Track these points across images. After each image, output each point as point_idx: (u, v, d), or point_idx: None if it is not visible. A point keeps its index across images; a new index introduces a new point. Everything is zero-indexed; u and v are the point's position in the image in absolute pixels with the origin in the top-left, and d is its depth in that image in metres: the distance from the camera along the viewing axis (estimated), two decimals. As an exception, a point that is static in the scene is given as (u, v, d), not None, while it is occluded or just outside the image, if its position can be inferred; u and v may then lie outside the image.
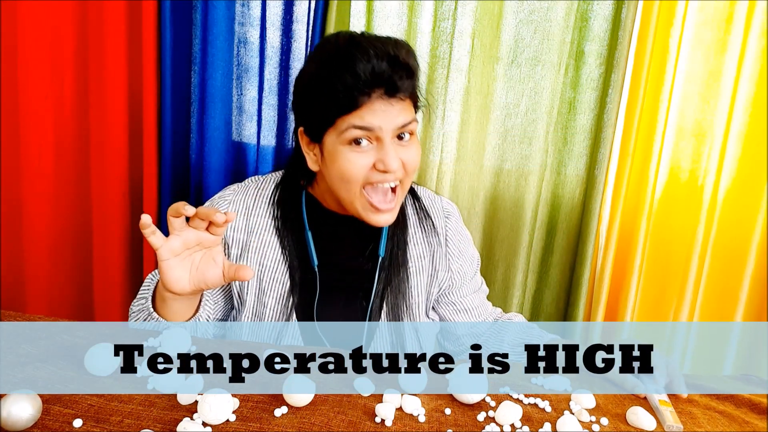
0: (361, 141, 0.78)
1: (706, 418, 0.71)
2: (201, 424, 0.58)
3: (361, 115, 0.77)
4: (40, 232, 1.40)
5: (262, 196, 0.91)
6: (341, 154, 0.79)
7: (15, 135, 1.36)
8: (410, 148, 0.82)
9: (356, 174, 0.79)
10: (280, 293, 0.87)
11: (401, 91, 0.78)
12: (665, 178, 1.48)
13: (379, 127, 0.77)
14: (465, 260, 0.98)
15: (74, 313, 1.49)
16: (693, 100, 1.43)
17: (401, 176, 0.82)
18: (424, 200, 0.98)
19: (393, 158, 0.78)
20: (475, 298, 1.00)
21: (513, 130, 1.44)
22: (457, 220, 0.99)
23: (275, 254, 0.88)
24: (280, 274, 0.87)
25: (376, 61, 0.74)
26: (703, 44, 1.40)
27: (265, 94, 1.39)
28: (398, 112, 0.78)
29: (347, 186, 0.81)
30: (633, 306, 1.47)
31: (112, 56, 1.32)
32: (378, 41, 0.77)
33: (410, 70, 0.79)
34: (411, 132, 0.82)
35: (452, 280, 0.96)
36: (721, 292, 1.52)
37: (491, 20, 1.37)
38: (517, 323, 1.00)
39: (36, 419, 0.55)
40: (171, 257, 0.71)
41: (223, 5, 1.30)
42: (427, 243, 0.94)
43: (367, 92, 0.76)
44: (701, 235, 1.45)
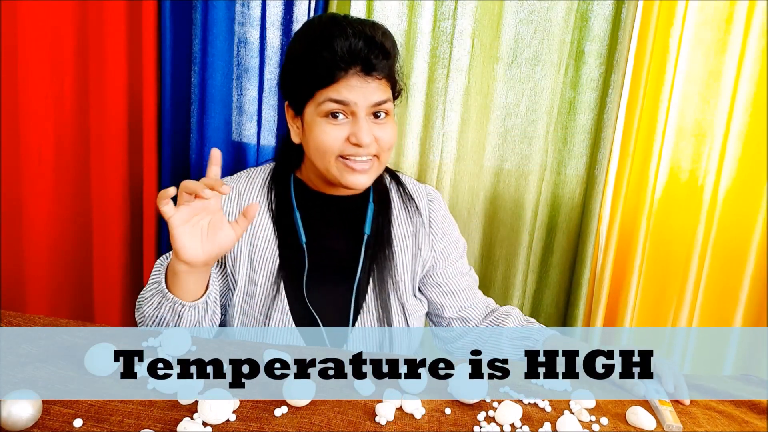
0: (338, 115, 0.83)
1: (705, 418, 0.71)
2: (201, 424, 0.58)
3: (337, 89, 0.82)
4: (40, 232, 1.40)
5: (253, 183, 0.96)
6: (318, 125, 0.84)
7: (15, 135, 1.36)
8: (385, 126, 0.86)
9: (331, 145, 0.84)
10: (269, 271, 0.91)
11: (377, 70, 0.82)
12: (665, 178, 1.48)
13: (354, 102, 0.82)
14: (449, 242, 1.01)
15: (74, 313, 1.49)
16: (693, 100, 1.43)
17: (375, 152, 0.86)
18: (408, 186, 1.02)
19: (365, 133, 0.82)
20: (462, 281, 1.01)
21: (513, 130, 1.44)
22: (440, 203, 1.02)
23: (266, 234, 0.92)
24: (269, 253, 0.91)
25: (353, 39, 0.80)
26: (703, 44, 1.40)
27: (265, 94, 1.39)
28: (373, 90, 0.83)
29: (323, 156, 0.85)
30: (633, 306, 1.47)
31: (112, 56, 1.32)
32: (357, 22, 0.83)
33: (386, 51, 0.83)
34: (386, 111, 0.86)
35: (436, 260, 0.99)
36: (721, 292, 1.52)
37: (491, 20, 1.37)
38: (516, 317, 1.00)
39: (36, 419, 0.55)
40: (181, 224, 0.74)
41: (223, 5, 1.30)
42: (411, 224, 0.98)
43: (344, 68, 0.81)
44: (701, 236, 1.45)
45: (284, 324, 0.90)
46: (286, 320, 0.90)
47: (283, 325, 0.90)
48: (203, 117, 1.35)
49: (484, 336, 0.99)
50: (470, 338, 1.01)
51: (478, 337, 1.00)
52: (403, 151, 1.44)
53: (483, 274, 1.54)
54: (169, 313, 0.80)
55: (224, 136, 1.37)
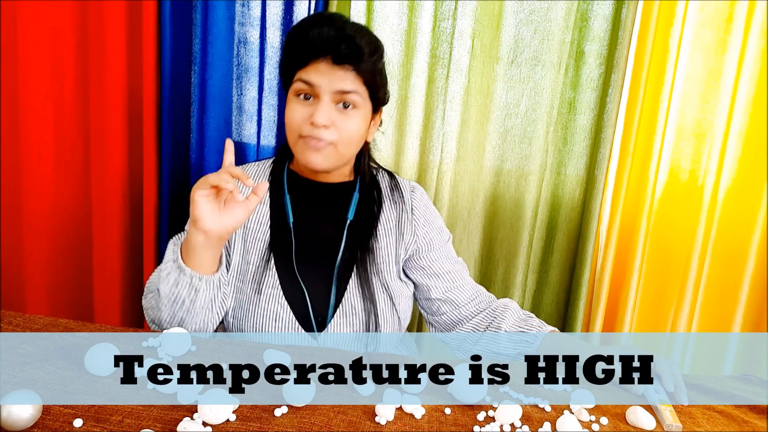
0: (309, 97, 0.91)
1: (705, 418, 0.71)
2: (201, 423, 0.58)
3: (308, 71, 0.90)
4: (40, 232, 1.40)
5: (248, 172, 1.05)
6: (289, 103, 0.93)
7: (15, 135, 1.36)
8: (349, 118, 0.91)
9: (294, 121, 0.91)
10: (261, 249, 0.97)
11: (347, 62, 0.88)
12: (665, 178, 1.48)
13: (318, 85, 0.89)
14: (431, 228, 1.05)
15: (74, 313, 1.49)
16: (693, 100, 1.43)
17: (332, 139, 0.91)
18: (396, 178, 1.09)
19: (322, 114, 0.88)
20: (446, 264, 1.04)
21: (513, 130, 1.44)
22: (422, 194, 1.08)
23: (258, 218, 0.99)
24: (262, 233, 0.98)
25: (327, 28, 0.88)
26: (703, 44, 1.40)
27: (265, 94, 1.39)
28: (340, 78, 0.89)
29: (289, 132, 0.93)
30: (633, 306, 1.47)
31: (112, 56, 1.32)
32: (338, 18, 0.90)
33: (356, 46, 0.88)
34: (353, 104, 0.91)
35: (418, 245, 1.03)
36: (721, 292, 1.52)
37: (491, 20, 1.37)
38: (515, 310, 1.00)
39: (36, 419, 0.55)
40: (203, 196, 0.80)
41: (223, 5, 1.30)
42: (395, 210, 1.04)
43: (316, 53, 0.88)
44: (701, 235, 1.45)
45: (273, 296, 0.95)
46: (276, 294, 0.95)
47: (272, 298, 0.94)
48: (203, 117, 1.35)
49: (481, 327, 0.99)
50: (467, 328, 1.01)
51: (475, 328, 1.00)
52: (403, 151, 1.44)
53: (483, 274, 1.54)
54: (186, 289, 0.84)
55: (224, 136, 1.37)
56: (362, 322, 0.96)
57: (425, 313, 1.07)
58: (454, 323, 1.02)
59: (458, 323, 1.02)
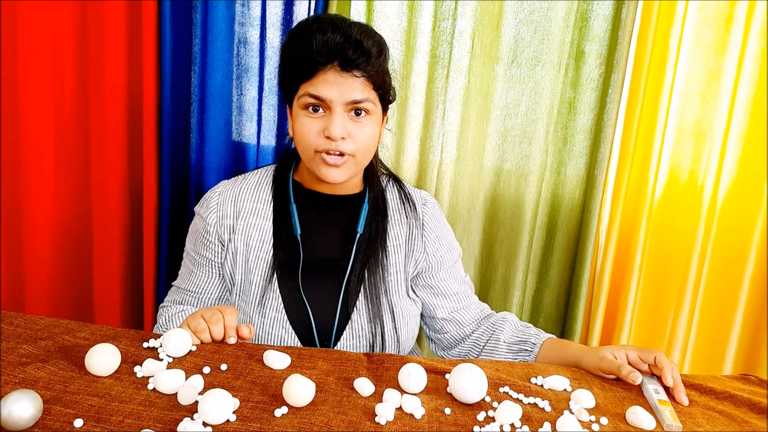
0: (318, 108, 0.86)
1: (705, 418, 0.71)
2: (201, 424, 0.58)
3: (315, 84, 0.84)
4: (40, 232, 1.40)
5: (247, 185, 0.98)
6: (299, 117, 0.87)
7: (15, 135, 1.36)
8: (364, 126, 0.87)
9: (308, 136, 0.86)
10: (263, 270, 0.93)
11: (356, 67, 0.83)
12: (665, 178, 1.48)
13: (329, 99, 0.84)
14: (441, 245, 1.01)
15: (74, 313, 1.49)
16: (693, 100, 1.43)
17: (350, 150, 0.87)
18: (406, 188, 1.04)
19: (337, 126, 0.84)
20: (454, 284, 1.01)
21: (513, 130, 1.44)
22: (434, 207, 1.03)
23: (260, 235, 0.94)
24: (264, 252, 0.93)
25: (331, 34, 0.82)
26: (703, 44, 1.40)
27: (265, 94, 1.39)
28: (351, 87, 0.84)
29: (303, 148, 0.88)
30: (633, 306, 1.47)
31: (112, 56, 1.32)
32: (340, 21, 0.85)
33: (364, 48, 0.83)
34: (366, 110, 0.87)
35: (428, 263, 0.99)
36: (721, 292, 1.52)
37: (491, 20, 1.37)
38: (513, 322, 1.00)
39: (37, 419, 0.55)
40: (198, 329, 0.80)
41: (223, 5, 1.30)
42: (406, 224, 0.99)
43: (322, 62, 0.83)
44: (701, 236, 1.45)
45: (277, 320, 0.91)
46: (280, 318, 0.91)
47: (275, 320, 0.91)
48: (203, 117, 1.35)
49: (481, 342, 0.98)
50: (467, 345, 1.00)
51: (475, 343, 0.99)
52: (403, 151, 1.44)
53: (483, 274, 1.54)
54: None
55: (224, 136, 1.37)
56: (368, 342, 0.94)
57: (427, 329, 1.05)
58: (456, 341, 1.01)
59: (461, 341, 1.01)
